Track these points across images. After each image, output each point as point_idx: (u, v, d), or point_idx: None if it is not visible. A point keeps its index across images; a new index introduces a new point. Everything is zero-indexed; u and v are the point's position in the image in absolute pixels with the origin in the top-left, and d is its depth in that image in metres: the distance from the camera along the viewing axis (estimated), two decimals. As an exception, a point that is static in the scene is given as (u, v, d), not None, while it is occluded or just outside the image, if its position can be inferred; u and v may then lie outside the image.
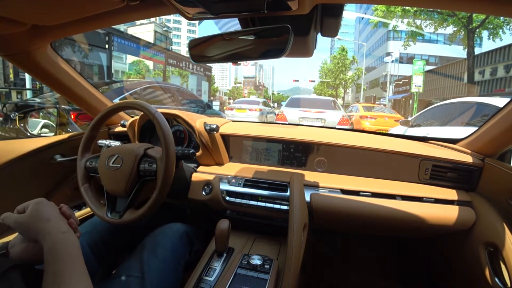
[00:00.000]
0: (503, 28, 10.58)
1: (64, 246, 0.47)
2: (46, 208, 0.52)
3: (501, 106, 0.82)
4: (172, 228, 0.83)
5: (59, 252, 0.45)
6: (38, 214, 0.50)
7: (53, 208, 0.53)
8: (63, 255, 0.45)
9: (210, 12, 0.51)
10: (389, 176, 1.00)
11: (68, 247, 0.47)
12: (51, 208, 0.52)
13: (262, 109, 8.29)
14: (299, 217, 0.76)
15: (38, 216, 0.50)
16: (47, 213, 0.51)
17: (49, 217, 0.50)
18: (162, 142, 0.72)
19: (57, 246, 0.46)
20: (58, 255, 0.45)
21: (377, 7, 12.73)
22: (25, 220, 0.49)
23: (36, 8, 0.54)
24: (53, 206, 0.53)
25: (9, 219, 0.50)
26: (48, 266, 0.44)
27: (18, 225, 0.49)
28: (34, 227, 0.48)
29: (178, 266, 0.75)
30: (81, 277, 0.45)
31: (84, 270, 0.46)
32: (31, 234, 0.49)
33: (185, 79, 18.30)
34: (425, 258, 1.22)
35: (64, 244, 0.47)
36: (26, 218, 0.49)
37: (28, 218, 0.49)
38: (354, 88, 37.24)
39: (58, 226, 0.49)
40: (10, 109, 2.53)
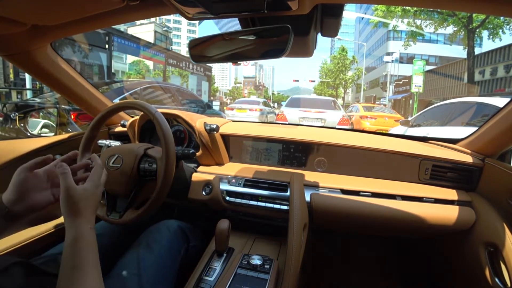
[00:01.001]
0: (503, 28, 10.58)
1: (88, 242, 0.46)
2: (95, 194, 0.51)
3: (501, 106, 0.82)
4: (167, 224, 0.83)
5: (82, 246, 0.45)
6: (87, 197, 0.49)
7: (97, 197, 0.52)
8: (86, 250, 0.45)
9: (210, 12, 0.51)
10: (389, 176, 1.00)
11: (90, 243, 0.46)
12: (97, 196, 0.52)
13: (262, 109, 8.31)
14: (299, 217, 0.76)
15: (87, 199, 0.49)
16: (92, 200, 0.50)
17: (90, 206, 0.49)
18: (162, 142, 0.72)
19: (82, 240, 0.45)
20: (80, 249, 0.45)
21: (377, 7, 12.73)
22: (76, 195, 0.48)
23: (36, 8, 0.54)
24: (97, 195, 0.52)
25: (65, 180, 0.48)
26: (67, 258, 0.44)
27: (67, 194, 0.47)
28: (75, 207, 0.47)
29: (174, 262, 0.76)
30: (97, 275, 0.45)
31: (99, 268, 0.46)
32: (68, 209, 0.47)
33: (185, 79, 18.30)
34: (425, 258, 1.22)
35: (89, 239, 0.46)
36: (78, 195, 0.48)
37: (79, 197, 0.48)
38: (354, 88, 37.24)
39: (91, 220, 0.49)
40: (10, 109, 2.53)
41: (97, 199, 0.52)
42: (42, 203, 0.55)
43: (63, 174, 0.49)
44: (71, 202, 0.47)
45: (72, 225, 0.46)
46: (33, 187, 0.54)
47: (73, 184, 0.48)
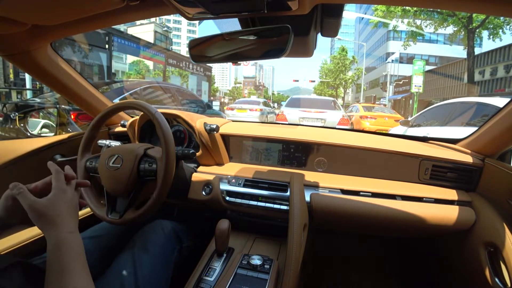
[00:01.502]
0: (503, 28, 10.57)
1: (70, 247, 0.46)
2: (63, 199, 0.50)
3: (501, 106, 0.82)
4: (161, 224, 0.84)
5: (64, 252, 0.45)
6: (54, 205, 0.48)
7: (68, 200, 0.51)
8: (68, 255, 0.45)
9: (210, 12, 0.51)
10: (389, 176, 1.00)
11: (73, 247, 0.47)
12: (66, 200, 0.51)
13: (262, 109, 8.33)
14: (299, 217, 0.76)
15: (54, 207, 0.48)
16: (62, 206, 0.49)
17: (62, 212, 0.49)
18: (162, 142, 0.72)
19: (63, 246, 0.46)
20: (62, 255, 0.45)
21: (377, 7, 12.72)
22: (41, 208, 0.47)
23: (36, 8, 0.54)
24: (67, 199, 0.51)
25: (24, 199, 0.47)
26: (51, 265, 0.44)
27: (31, 210, 0.47)
28: (45, 219, 0.47)
29: (169, 262, 0.77)
30: (84, 276, 0.45)
31: (86, 271, 0.46)
32: (40, 223, 0.47)
33: (185, 79, 18.30)
34: (425, 258, 1.22)
35: (70, 244, 0.46)
36: (43, 207, 0.47)
37: (45, 208, 0.47)
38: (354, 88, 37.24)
39: (68, 224, 0.48)
40: (10, 109, 2.53)
41: (70, 204, 0.51)
42: None
43: (20, 194, 0.48)
44: (38, 215, 0.47)
45: (49, 235, 0.46)
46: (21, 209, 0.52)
47: (33, 199, 0.48)
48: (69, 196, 0.52)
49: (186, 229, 0.91)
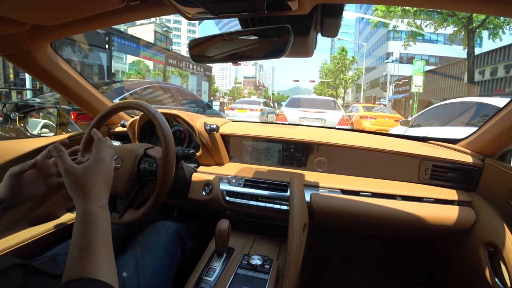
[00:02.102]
0: (503, 28, 10.57)
1: (97, 222, 0.44)
2: (100, 169, 0.49)
3: (501, 106, 0.82)
4: (164, 226, 0.83)
5: (90, 226, 0.43)
6: (90, 174, 0.47)
7: (105, 172, 0.50)
8: (93, 231, 0.43)
9: (210, 12, 0.51)
10: (389, 176, 1.00)
11: (100, 223, 0.44)
12: (103, 170, 0.49)
13: (263, 109, 8.36)
14: (299, 217, 0.76)
15: (89, 176, 0.47)
16: (97, 176, 0.48)
17: (96, 183, 0.47)
18: (162, 142, 0.72)
19: (90, 219, 0.43)
20: (88, 230, 0.43)
21: (377, 7, 12.72)
22: (77, 174, 0.46)
23: (36, 8, 0.54)
24: (104, 170, 0.49)
25: (62, 162, 0.47)
26: (74, 239, 0.42)
27: (67, 175, 0.46)
28: (79, 186, 0.46)
29: (171, 263, 0.77)
30: (106, 256, 0.43)
31: (110, 252, 0.44)
32: (72, 189, 0.46)
33: (185, 79, 18.30)
34: (425, 258, 1.22)
35: (97, 219, 0.44)
36: (79, 173, 0.46)
37: (80, 175, 0.46)
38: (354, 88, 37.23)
39: (99, 198, 0.47)
40: (10, 109, 2.53)
41: (105, 175, 0.50)
42: (37, 194, 0.57)
43: (59, 157, 0.48)
44: (73, 181, 0.46)
45: (78, 205, 0.45)
46: (25, 185, 0.55)
47: (71, 164, 0.47)
48: (106, 167, 0.50)
49: (189, 230, 0.91)
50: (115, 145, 0.92)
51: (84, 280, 0.38)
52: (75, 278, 0.38)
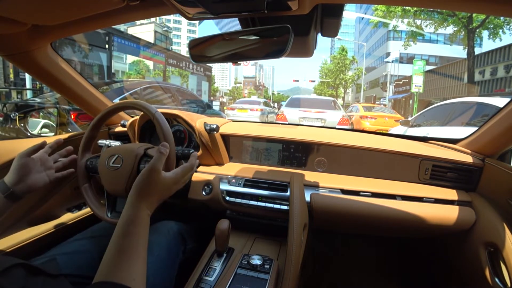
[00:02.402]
0: (503, 28, 10.58)
1: (141, 227, 0.45)
2: (168, 186, 0.52)
3: (501, 106, 0.82)
4: (165, 226, 0.83)
5: (135, 230, 0.44)
6: (163, 184, 0.50)
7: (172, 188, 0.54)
8: (136, 235, 0.44)
9: (210, 12, 0.51)
10: (389, 176, 1.00)
11: (144, 230, 0.46)
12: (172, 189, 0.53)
13: (263, 109, 8.40)
14: (299, 217, 0.76)
15: (161, 186, 0.50)
16: (163, 189, 0.51)
17: (159, 193, 0.50)
18: (162, 142, 0.72)
19: (136, 223, 0.45)
20: (131, 233, 0.44)
21: (377, 7, 12.73)
22: (154, 177, 0.49)
23: (36, 8, 0.54)
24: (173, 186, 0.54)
25: (157, 159, 0.50)
26: (115, 241, 0.43)
27: (147, 171, 0.49)
28: (148, 189, 0.48)
29: (173, 264, 0.76)
30: (141, 262, 0.43)
31: (145, 256, 0.45)
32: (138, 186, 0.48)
33: (185, 79, 18.31)
34: (425, 258, 1.22)
35: (142, 224, 0.46)
36: (155, 178, 0.49)
37: (157, 180, 0.49)
38: (354, 88, 37.24)
39: (152, 206, 0.49)
40: (10, 109, 2.54)
41: (167, 191, 0.53)
42: (39, 183, 0.64)
43: (160, 155, 0.51)
44: (146, 182, 0.49)
45: (132, 205, 0.46)
46: (31, 170, 0.62)
47: (160, 167, 0.50)
48: (175, 188, 0.55)
49: (190, 230, 0.90)
50: (115, 145, 0.92)
51: (116, 285, 0.38)
52: (106, 281, 0.38)
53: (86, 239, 0.76)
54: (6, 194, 0.57)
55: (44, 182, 0.65)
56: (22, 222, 0.90)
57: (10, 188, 0.58)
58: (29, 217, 0.91)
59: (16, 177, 0.59)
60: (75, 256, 0.68)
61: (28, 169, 0.62)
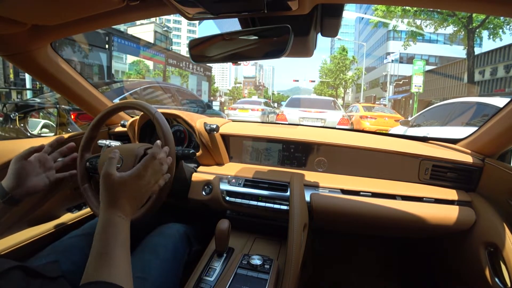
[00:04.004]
0: (503, 28, 10.58)
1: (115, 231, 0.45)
2: (136, 185, 0.50)
3: (501, 106, 0.82)
4: (172, 228, 0.83)
5: (109, 235, 0.45)
6: (123, 185, 0.48)
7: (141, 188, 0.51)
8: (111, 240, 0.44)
9: (210, 12, 0.51)
10: (389, 176, 1.00)
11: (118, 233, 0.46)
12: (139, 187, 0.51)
13: (263, 109, 8.46)
14: (299, 217, 0.76)
15: (120, 188, 0.48)
16: (129, 190, 0.49)
17: (125, 196, 0.49)
18: (162, 142, 0.72)
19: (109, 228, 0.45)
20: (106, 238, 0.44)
21: (377, 7, 12.73)
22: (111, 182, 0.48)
23: (36, 8, 0.54)
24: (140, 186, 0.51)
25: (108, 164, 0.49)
26: (95, 244, 0.44)
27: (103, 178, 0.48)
28: (108, 194, 0.47)
29: (179, 266, 0.76)
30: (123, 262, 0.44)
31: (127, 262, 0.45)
32: (102, 194, 0.48)
33: (185, 79, 18.31)
34: (425, 258, 1.22)
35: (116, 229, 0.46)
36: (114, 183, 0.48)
37: (116, 185, 0.48)
38: (354, 88, 37.25)
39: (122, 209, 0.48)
40: (10, 109, 2.53)
41: (138, 192, 0.51)
42: (38, 186, 0.62)
43: (110, 159, 0.50)
44: (105, 189, 0.48)
45: (102, 212, 0.47)
46: (29, 173, 0.60)
47: (112, 171, 0.49)
48: (143, 184, 0.52)
49: (196, 232, 0.90)
50: (115, 145, 0.92)
51: (100, 283, 0.39)
52: (92, 281, 0.39)
53: (78, 237, 0.76)
54: (5, 199, 0.56)
55: (44, 184, 0.63)
56: (22, 222, 0.90)
57: (9, 192, 0.56)
58: (29, 217, 0.91)
59: (13, 181, 0.57)
60: (69, 253, 0.68)
61: (26, 172, 0.59)
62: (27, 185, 0.59)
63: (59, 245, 0.72)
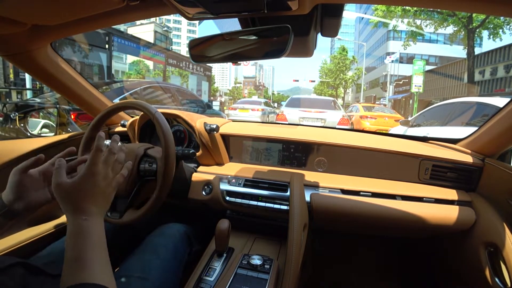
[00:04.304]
0: (503, 28, 10.57)
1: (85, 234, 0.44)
2: (91, 183, 0.47)
3: (501, 106, 0.82)
4: (173, 228, 0.83)
5: (78, 239, 0.43)
6: (78, 188, 0.46)
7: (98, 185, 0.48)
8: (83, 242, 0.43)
9: (210, 12, 0.51)
10: (389, 176, 1.00)
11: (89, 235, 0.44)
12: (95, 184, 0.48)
13: (264, 109, 8.49)
14: (299, 217, 0.76)
15: (77, 191, 0.46)
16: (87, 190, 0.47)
17: (86, 196, 0.47)
18: (162, 142, 0.72)
19: (77, 233, 0.44)
20: (77, 242, 0.43)
21: (377, 7, 12.73)
22: (65, 189, 0.46)
23: (36, 8, 0.54)
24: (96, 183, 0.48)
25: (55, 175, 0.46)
26: (67, 250, 0.42)
27: (56, 189, 0.46)
28: (67, 201, 0.46)
29: (179, 267, 0.76)
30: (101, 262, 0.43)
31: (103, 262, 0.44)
32: (61, 204, 0.46)
33: (185, 79, 18.31)
34: (425, 258, 1.22)
35: (85, 231, 0.44)
36: (67, 188, 0.46)
37: (69, 189, 0.46)
38: (354, 88, 37.23)
39: (85, 211, 0.46)
40: (10, 109, 2.53)
41: (96, 189, 0.48)
42: (39, 201, 0.57)
43: (56, 169, 0.47)
44: (61, 197, 0.46)
45: (67, 219, 0.46)
46: (29, 187, 0.55)
47: (61, 179, 0.47)
48: (98, 180, 0.48)
49: (197, 232, 0.90)
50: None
51: (82, 285, 0.38)
52: (73, 284, 0.38)
53: None
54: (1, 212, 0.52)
55: (45, 199, 0.58)
56: (22, 222, 0.90)
57: (6, 205, 0.52)
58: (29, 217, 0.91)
59: (12, 195, 0.53)
60: None
61: (24, 186, 0.54)
62: (27, 200, 0.55)
63: (59, 245, 0.72)
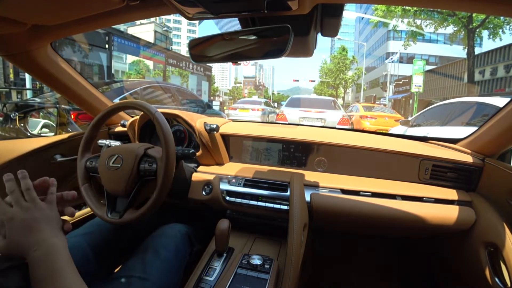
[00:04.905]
0: (503, 28, 10.58)
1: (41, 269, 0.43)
2: (7, 231, 0.45)
3: (501, 106, 0.82)
4: (174, 229, 0.83)
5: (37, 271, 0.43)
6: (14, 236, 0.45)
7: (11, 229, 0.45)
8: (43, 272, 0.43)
9: (210, 12, 0.51)
10: (389, 176, 1.00)
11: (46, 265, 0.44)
12: (9, 231, 0.45)
13: (264, 109, 8.52)
14: (299, 217, 0.76)
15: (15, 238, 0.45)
16: (8, 238, 0.45)
17: (16, 240, 0.45)
18: (162, 142, 0.72)
19: (34, 267, 0.43)
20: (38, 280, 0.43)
21: (377, 7, 12.73)
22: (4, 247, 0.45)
23: (36, 8, 0.54)
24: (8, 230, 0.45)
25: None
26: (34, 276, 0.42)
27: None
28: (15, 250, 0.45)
29: (180, 267, 0.76)
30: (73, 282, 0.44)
31: (76, 276, 0.44)
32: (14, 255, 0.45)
33: (185, 79, 18.30)
34: (425, 258, 1.22)
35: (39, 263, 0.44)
36: (6, 245, 0.45)
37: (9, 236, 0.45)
38: (354, 88, 37.24)
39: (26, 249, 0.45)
40: (10, 109, 2.53)
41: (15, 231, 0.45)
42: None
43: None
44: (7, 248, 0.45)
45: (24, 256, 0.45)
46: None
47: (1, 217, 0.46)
48: (15, 222, 0.46)
49: (197, 232, 0.90)
50: (115, 145, 0.92)
51: None
52: None
53: (78, 237, 0.76)
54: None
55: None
56: None
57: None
58: None
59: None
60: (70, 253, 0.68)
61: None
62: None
63: None
